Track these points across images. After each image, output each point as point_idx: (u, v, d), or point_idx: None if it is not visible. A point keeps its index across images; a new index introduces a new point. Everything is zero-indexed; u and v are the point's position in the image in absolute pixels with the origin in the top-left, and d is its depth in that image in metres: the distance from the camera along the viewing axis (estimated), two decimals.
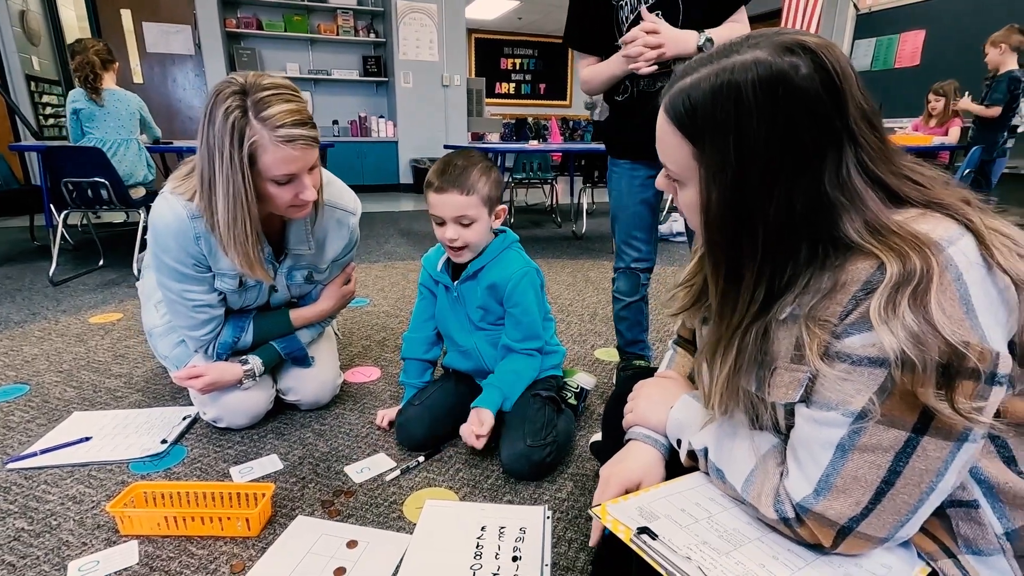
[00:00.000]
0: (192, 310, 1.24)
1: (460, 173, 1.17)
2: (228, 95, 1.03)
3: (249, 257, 1.13)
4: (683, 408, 0.76)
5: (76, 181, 2.67)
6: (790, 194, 0.55)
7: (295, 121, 1.05)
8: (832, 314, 0.54)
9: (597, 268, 3.11)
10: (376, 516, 1.06)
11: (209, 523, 1.00)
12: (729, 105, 0.54)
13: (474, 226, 1.21)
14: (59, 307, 2.34)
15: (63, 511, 1.07)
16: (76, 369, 1.71)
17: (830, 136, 0.54)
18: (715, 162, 0.56)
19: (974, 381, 0.49)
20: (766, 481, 0.62)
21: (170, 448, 1.27)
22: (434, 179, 1.20)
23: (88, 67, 2.79)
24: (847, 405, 0.54)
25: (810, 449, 0.57)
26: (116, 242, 3.61)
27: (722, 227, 0.59)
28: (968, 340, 0.48)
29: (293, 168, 1.07)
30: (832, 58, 0.54)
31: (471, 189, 1.18)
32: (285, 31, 6.25)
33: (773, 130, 0.53)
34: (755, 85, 0.53)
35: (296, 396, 1.41)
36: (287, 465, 1.22)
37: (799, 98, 0.53)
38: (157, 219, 1.16)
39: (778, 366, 0.60)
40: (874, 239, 0.53)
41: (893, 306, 0.50)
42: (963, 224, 0.53)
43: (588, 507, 1.08)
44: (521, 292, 1.26)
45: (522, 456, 1.14)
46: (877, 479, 0.53)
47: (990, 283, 0.51)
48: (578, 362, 1.80)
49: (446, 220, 1.20)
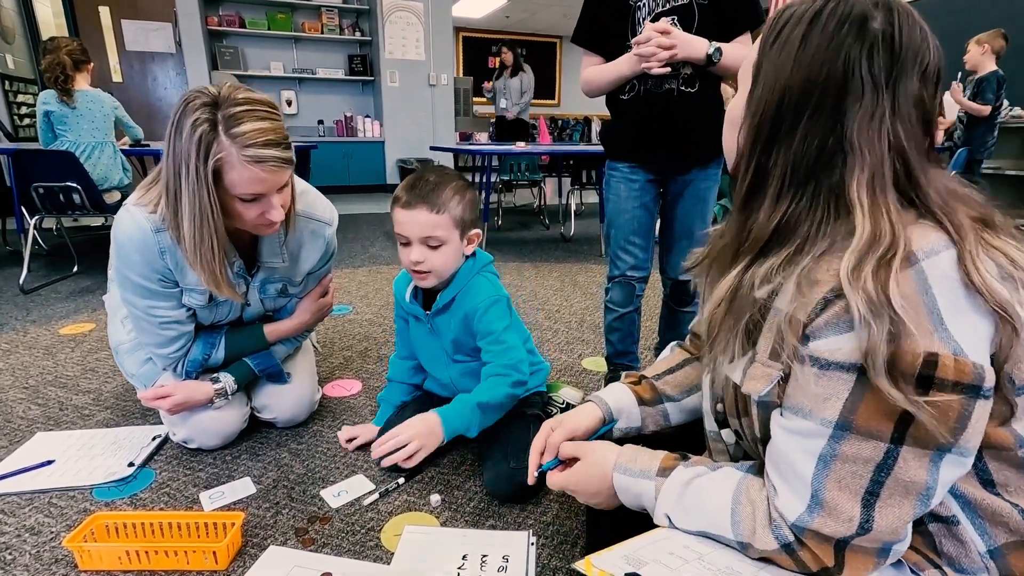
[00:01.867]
0: (159, 327, 1.18)
1: (432, 189, 1.08)
2: (198, 106, 0.97)
3: (216, 276, 1.08)
4: (625, 485, 0.72)
5: (47, 185, 2.59)
6: (818, 119, 0.56)
7: (267, 141, 0.99)
8: (802, 314, 0.53)
9: (585, 272, 3.07)
10: (352, 545, 1.01)
11: (174, 556, 0.94)
12: (802, 24, 0.56)
13: (442, 249, 1.10)
14: (28, 317, 2.26)
15: (19, 544, 1.01)
16: (43, 385, 1.64)
17: (871, 86, 0.54)
18: (770, 71, 0.58)
19: (956, 395, 0.48)
20: (756, 511, 0.59)
21: (137, 471, 1.21)
22: (402, 193, 1.09)
23: (58, 68, 2.69)
24: (821, 413, 0.53)
25: (792, 463, 0.56)
26: (92, 247, 3.51)
27: (761, 126, 0.59)
28: (938, 352, 0.47)
29: (260, 188, 1.02)
30: (902, 21, 0.55)
31: (442, 207, 1.07)
32: (268, 29, 6.15)
33: (824, 60, 0.55)
34: (833, 16, 0.55)
35: (272, 414, 1.36)
36: (260, 489, 1.17)
37: (863, 40, 0.54)
38: (120, 233, 1.10)
39: (756, 359, 0.60)
40: (868, 203, 0.53)
41: (859, 269, 0.50)
42: (950, 239, 0.52)
43: (574, 531, 1.04)
44: (488, 322, 1.16)
45: (506, 478, 1.09)
46: (861, 488, 0.53)
47: (963, 296, 0.49)
48: (565, 372, 1.76)
49: (412, 240, 1.09)
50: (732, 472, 0.64)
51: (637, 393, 0.88)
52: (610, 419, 0.87)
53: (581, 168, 4.56)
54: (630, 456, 0.73)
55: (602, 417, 0.87)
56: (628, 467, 0.72)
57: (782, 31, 0.58)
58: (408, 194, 1.08)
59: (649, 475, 0.69)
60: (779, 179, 0.58)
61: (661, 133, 1.32)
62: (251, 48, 6.22)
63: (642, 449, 0.74)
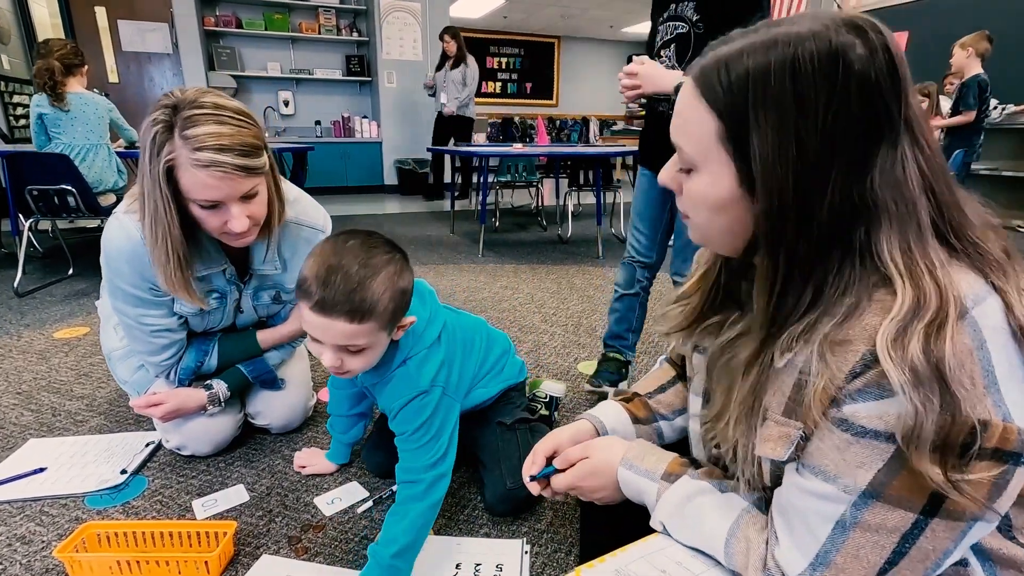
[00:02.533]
0: (151, 335, 1.17)
1: (354, 290, 0.80)
2: (160, 107, 0.96)
3: (170, 279, 1.05)
4: (628, 480, 0.73)
5: (42, 188, 2.58)
6: (840, 186, 0.49)
7: (220, 146, 0.93)
8: (833, 375, 0.49)
9: (583, 274, 3.07)
10: (345, 553, 1.01)
11: (165, 567, 0.94)
12: (784, 79, 0.48)
13: (365, 353, 0.87)
14: (23, 320, 2.25)
15: (10, 554, 1.00)
16: (36, 390, 1.63)
17: (888, 124, 0.49)
18: (770, 141, 0.49)
19: (995, 462, 0.45)
20: (751, 551, 0.58)
21: (130, 479, 1.21)
22: (314, 288, 0.80)
23: (47, 73, 2.67)
24: (848, 479, 0.50)
25: (805, 520, 0.53)
26: (87, 249, 3.49)
27: (782, 214, 0.51)
28: (988, 420, 0.44)
29: (214, 195, 0.97)
30: (893, 44, 0.49)
31: (367, 315, 0.81)
32: (265, 29, 6.14)
33: (831, 110, 0.48)
34: (815, 59, 0.48)
35: (266, 420, 1.35)
36: (253, 497, 1.16)
37: (860, 76, 0.47)
38: (108, 242, 1.09)
39: (768, 417, 0.56)
40: (903, 263, 0.48)
41: (903, 339, 0.45)
42: (989, 283, 0.48)
43: (568, 539, 1.04)
44: (403, 421, 0.96)
45: (505, 498, 1.09)
46: (881, 560, 0.49)
47: (1014, 351, 0.46)
48: (561, 376, 1.76)
49: (324, 343, 0.85)
50: (736, 502, 0.62)
51: (630, 411, 0.87)
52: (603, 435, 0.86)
53: (579, 169, 4.56)
54: (638, 453, 0.73)
55: (593, 431, 0.86)
56: (635, 464, 0.72)
57: (759, 90, 0.49)
58: (322, 291, 0.80)
59: (654, 477, 0.68)
60: (806, 260, 0.52)
61: (657, 146, 1.45)
62: (248, 49, 6.21)
63: (652, 448, 0.74)
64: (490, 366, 1.21)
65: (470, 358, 1.15)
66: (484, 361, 1.20)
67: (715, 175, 0.54)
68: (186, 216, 1.03)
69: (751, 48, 0.50)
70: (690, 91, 0.54)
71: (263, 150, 1.02)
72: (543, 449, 0.84)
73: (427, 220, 4.75)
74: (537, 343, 2.03)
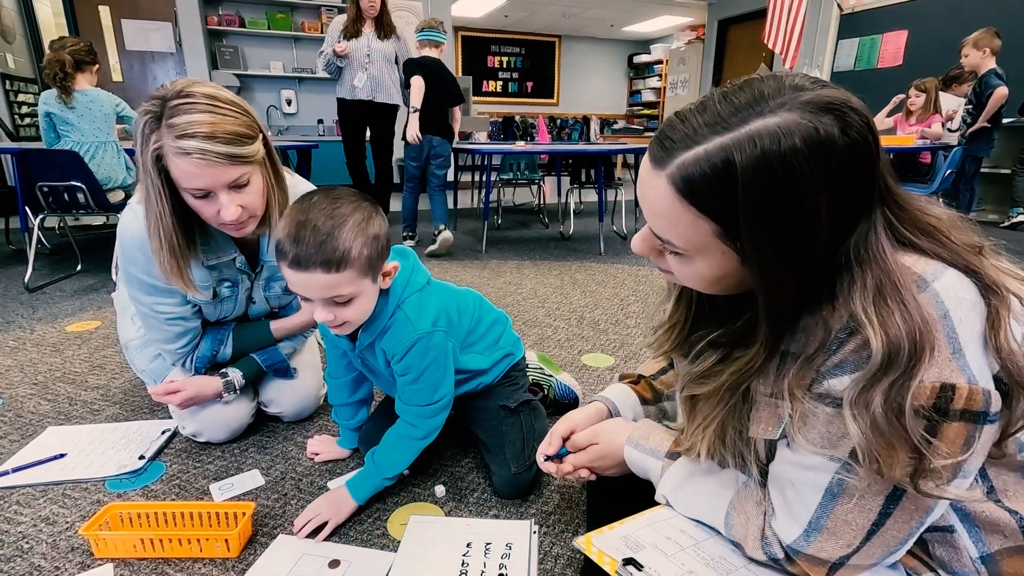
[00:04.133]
0: (165, 323, 1.21)
1: (324, 241, 0.84)
2: (151, 98, 0.99)
3: (163, 265, 1.07)
4: (634, 459, 0.77)
5: (52, 185, 2.61)
6: (829, 257, 0.51)
7: (203, 134, 0.93)
8: (817, 346, 0.53)
9: (584, 270, 3.10)
10: (359, 534, 1.04)
11: (187, 544, 0.97)
12: (777, 179, 0.47)
13: (355, 303, 0.91)
14: (35, 315, 2.28)
15: (35, 533, 1.04)
16: (51, 381, 1.67)
17: (869, 196, 0.51)
18: (766, 242, 0.50)
19: (964, 423, 0.48)
20: (749, 523, 0.61)
21: (148, 464, 1.24)
22: (287, 246, 0.85)
23: (57, 65, 2.69)
24: (832, 449, 0.53)
25: (797, 490, 0.57)
26: (96, 245, 3.54)
27: (784, 301, 0.54)
28: (955, 383, 0.47)
29: (200, 183, 0.98)
30: (864, 114, 0.49)
31: (343, 262, 0.85)
32: (268, 29, 6.16)
33: (824, 198, 0.48)
34: (804, 153, 0.47)
35: (278, 408, 1.39)
36: (269, 481, 1.19)
37: (848, 162, 0.48)
38: (124, 231, 1.13)
39: (758, 399, 0.59)
40: (878, 315, 0.49)
41: (866, 396, 0.48)
42: (951, 264, 0.51)
43: (575, 520, 1.07)
44: (406, 366, 1.02)
45: (511, 483, 1.12)
46: (868, 522, 0.53)
47: (975, 319, 0.49)
48: (565, 368, 1.79)
49: (313, 299, 0.90)
50: (734, 478, 0.66)
51: (638, 392, 0.91)
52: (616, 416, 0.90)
53: (580, 167, 4.59)
54: (644, 433, 0.77)
55: (607, 412, 0.90)
56: (640, 443, 0.75)
57: (757, 196, 0.49)
58: (295, 249, 0.84)
59: (658, 455, 0.72)
60: (799, 307, 0.55)
61: None
62: (251, 48, 6.23)
63: (657, 427, 0.78)
64: (484, 330, 1.22)
65: (464, 316, 1.17)
66: (478, 323, 1.20)
67: (711, 263, 0.55)
68: (186, 205, 1.05)
69: (734, 146, 0.48)
70: (668, 193, 0.52)
71: (254, 140, 1.02)
72: (559, 431, 0.88)
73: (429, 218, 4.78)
74: (541, 336, 2.07)
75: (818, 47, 6.19)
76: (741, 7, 7.43)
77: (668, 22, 9.25)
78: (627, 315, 2.31)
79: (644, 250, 0.60)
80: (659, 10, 8.51)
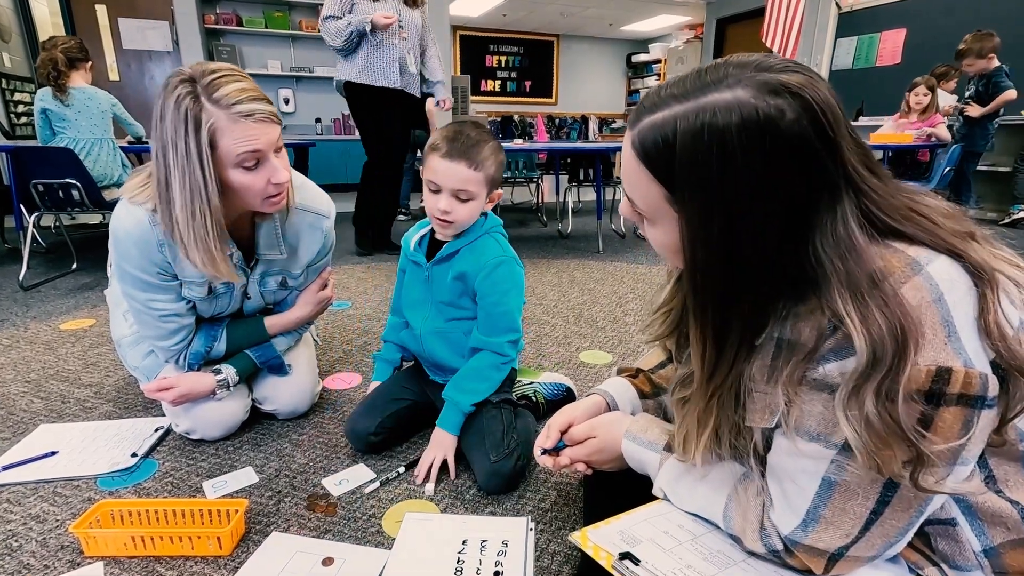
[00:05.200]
0: (159, 320, 1.19)
1: (472, 145, 1.09)
2: (176, 85, 0.99)
3: (211, 253, 1.07)
4: (632, 452, 0.76)
5: (47, 183, 2.59)
6: (780, 253, 0.50)
7: (251, 96, 1.01)
8: (809, 337, 0.52)
9: (583, 268, 3.09)
10: (354, 531, 1.03)
11: (179, 542, 0.96)
12: (711, 152, 0.48)
13: (470, 204, 1.12)
14: (28, 313, 2.27)
15: (25, 531, 1.02)
16: (44, 379, 1.65)
17: (825, 186, 0.49)
18: (696, 215, 0.51)
19: (961, 407, 0.47)
20: (748, 514, 0.60)
21: (140, 462, 1.23)
22: (442, 144, 1.09)
23: (50, 63, 2.69)
24: (829, 436, 0.52)
25: (795, 479, 0.56)
26: (91, 244, 3.52)
27: (708, 288, 0.54)
28: (951, 366, 0.46)
29: (258, 144, 1.02)
30: (820, 100, 0.48)
31: (480, 165, 1.09)
32: (266, 27, 6.14)
33: (761, 181, 0.48)
34: (740, 131, 0.47)
35: (273, 405, 1.37)
36: (262, 478, 1.18)
37: (789, 146, 0.48)
38: (117, 226, 1.11)
39: (752, 389, 0.58)
40: (858, 313, 0.48)
41: (858, 395, 0.47)
42: (942, 252, 0.50)
43: (572, 517, 1.06)
44: (492, 283, 1.17)
45: (492, 473, 1.11)
46: (866, 510, 0.52)
47: (969, 302, 0.48)
48: (563, 365, 1.78)
49: (443, 190, 1.11)
50: (732, 471, 0.65)
51: (637, 386, 0.90)
52: (614, 409, 0.89)
53: (578, 166, 4.58)
54: (642, 426, 0.76)
55: (605, 406, 0.89)
56: (638, 436, 0.74)
57: (688, 161, 0.50)
58: (449, 145, 1.09)
59: (656, 448, 0.71)
60: (744, 321, 0.55)
61: None
62: (248, 46, 6.22)
63: (655, 420, 0.77)
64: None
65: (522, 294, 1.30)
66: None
67: (667, 230, 0.56)
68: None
69: (683, 115, 0.50)
70: (630, 153, 0.55)
71: None
72: (557, 424, 0.87)
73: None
74: (539, 333, 2.05)
75: (816, 45, 6.18)
76: (739, 6, 7.43)
77: (666, 21, 9.24)
78: (625, 312, 2.29)
79: (625, 212, 0.62)
80: (657, 9, 8.50)
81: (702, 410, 0.61)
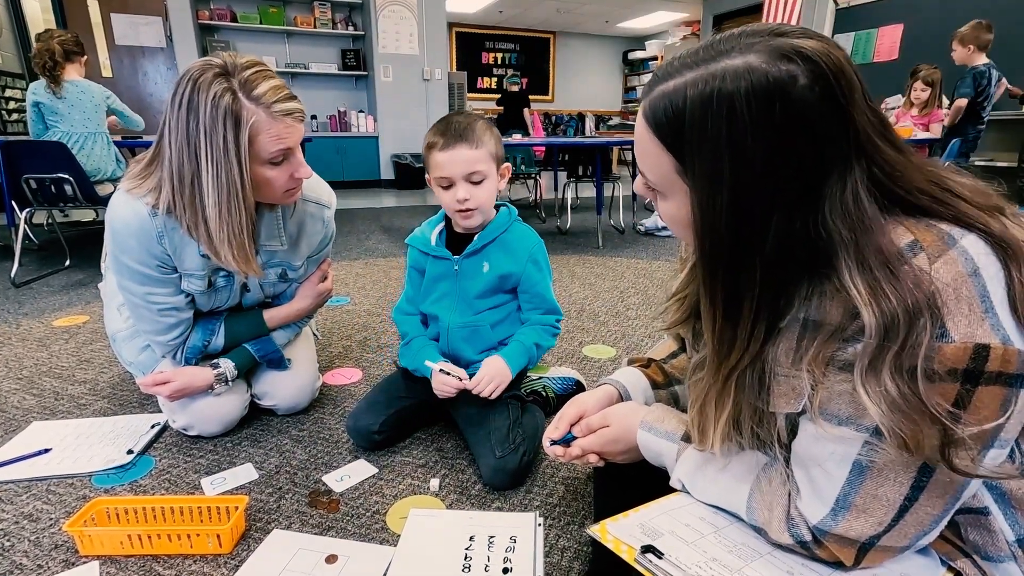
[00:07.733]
0: (158, 314, 1.16)
1: (465, 128, 1.11)
2: (211, 79, 0.96)
3: (245, 251, 1.08)
4: (648, 443, 0.73)
5: (39, 177, 2.55)
6: (790, 222, 0.49)
7: (286, 95, 1.03)
8: (834, 317, 0.50)
9: (583, 263, 3.06)
10: (357, 528, 1.00)
11: (177, 540, 0.93)
12: (720, 119, 0.47)
13: (485, 184, 1.14)
14: (21, 310, 2.23)
15: (17, 531, 0.99)
16: (37, 375, 1.62)
17: (835, 156, 0.48)
18: (705, 183, 0.50)
19: (1000, 386, 0.45)
20: (774, 505, 0.58)
21: (136, 459, 1.20)
22: (437, 138, 1.12)
23: (47, 54, 2.64)
24: (860, 419, 0.49)
25: (823, 466, 0.53)
26: (84, 241, 3.47)
27: (716, 257, 0.52)
28: (989, 343, 0.44)
29: (287, 143, 1.04)
30: (834, 67, 0.47)
31: (479, 142, 1.11)
32: (260, 23, 6.09)
33: (771, 149, 0.47)
34: (749, 97, 0.46)
35: (272, 401, 1.34)
36: (262, 475, 1.15)
37: (799, 113, 0.46)
38: (115, 218, 1.08)
39: (777, 372, 0.56)
40: (866, 285, 0.47)
41: (875, 371, 0.45)
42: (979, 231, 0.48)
43: (581, 512, 1.04)
44: (535, 257, 1.24)
45: (498, 469, 1.08)
46: (900, 496, 0.49)
47: (1003, 278, 0.46)
48: (566, 360, 1.75)
49: (455, 180, 1.12)
50: (755, 460, 0.62)
51: (649, 376, 0.88)
52: (627, 399, 0.87)
53: (577, 162, 4.55)
54: (658, 416, 0.73)
55: (617, 396, 0.86)
56: (654, 426, 0.72)
57: (696, 129, 0.49)
58: (444, 137, 1.11)
59: (674, 438, 0.68)
60: (756, 294, 0.52)
61: None
62: (243, 42, 6.17)
63: (670, 410, 0.74)
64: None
65: None
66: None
67: (679, 203, 0.55)
68: None
69: (692, 82, 0.49)
70: (642, 123, 0.54)
71: None
72: (568, 415, 0.84)
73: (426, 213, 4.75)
74: None
75: None
76: (736, 2, 7.41)
77: (663, 18, 9.22)
78: (627, 307, 2.27)
79: (639, 188, 0.61)
80: (654, 6, 8.49)
81: (719, 392, 0.59)
